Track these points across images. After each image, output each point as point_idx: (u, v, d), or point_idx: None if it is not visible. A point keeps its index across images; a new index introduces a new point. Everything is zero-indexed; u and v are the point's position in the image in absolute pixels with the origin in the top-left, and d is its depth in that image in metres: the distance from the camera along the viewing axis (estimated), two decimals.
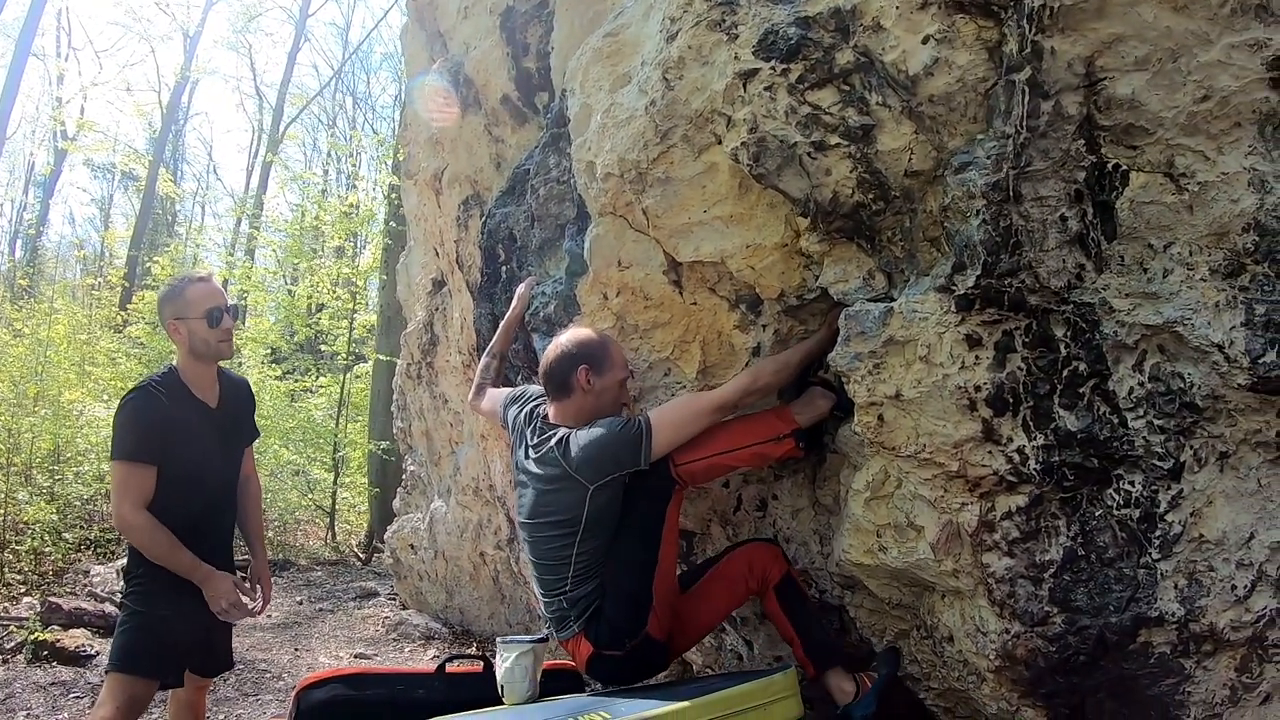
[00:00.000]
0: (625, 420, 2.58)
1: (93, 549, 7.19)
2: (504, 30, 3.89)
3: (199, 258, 21.26)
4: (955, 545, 2.35)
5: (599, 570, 2.57)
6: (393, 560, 6.59)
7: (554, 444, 2.60)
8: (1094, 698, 2.32)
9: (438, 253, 5.11)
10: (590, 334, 2.75)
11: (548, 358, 2.72)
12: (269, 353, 14.04)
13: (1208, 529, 2.19)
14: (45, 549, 6.62)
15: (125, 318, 12.13)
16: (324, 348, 13.69)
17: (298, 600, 7.31)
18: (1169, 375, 2.17)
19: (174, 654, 2.68)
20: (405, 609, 6.54)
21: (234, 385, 3.00)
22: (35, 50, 20.39)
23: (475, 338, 4.11)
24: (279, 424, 11.18)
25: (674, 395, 2.88)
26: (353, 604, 7.17)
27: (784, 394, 2.80)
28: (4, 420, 7.18)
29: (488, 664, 2.92)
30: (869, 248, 2.46)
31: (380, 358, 10.35)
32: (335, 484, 11.20)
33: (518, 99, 3.92)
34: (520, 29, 3.79)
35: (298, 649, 5.66)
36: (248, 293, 15.49)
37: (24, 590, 6.07)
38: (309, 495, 11.26)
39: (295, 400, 13.11)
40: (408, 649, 5.63)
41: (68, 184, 39.15)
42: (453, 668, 2.96)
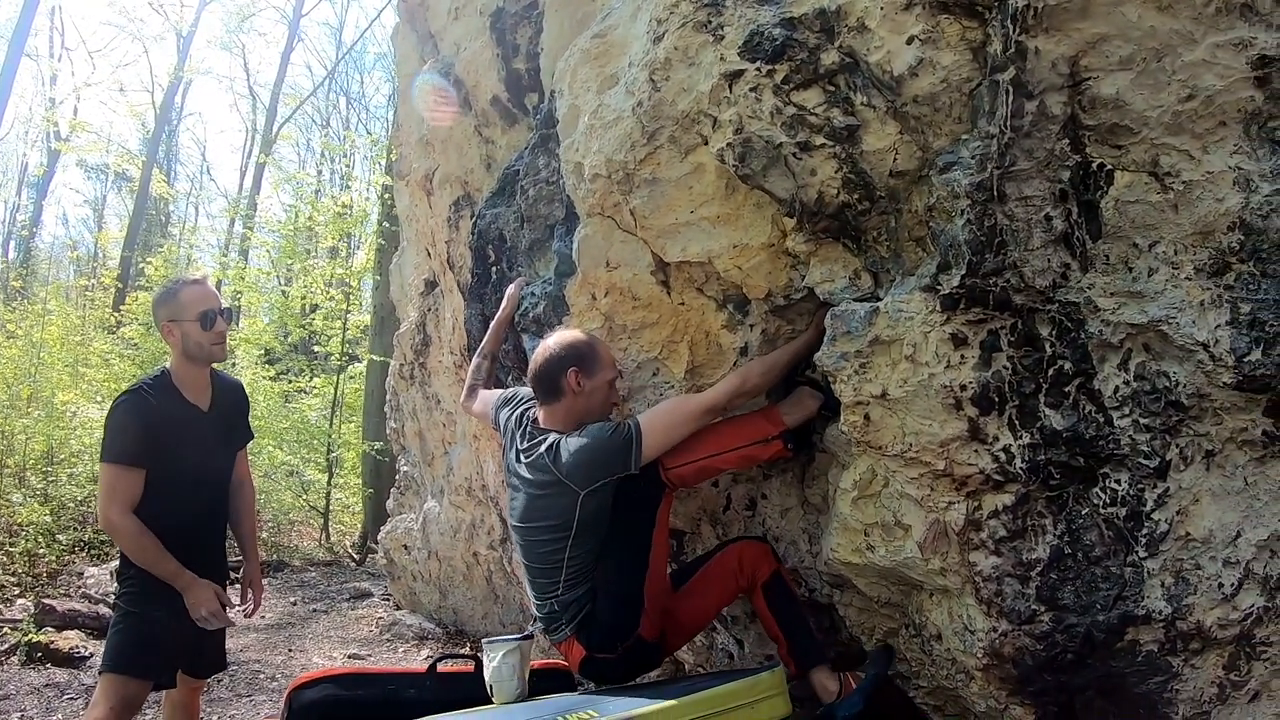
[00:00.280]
0: (615, 425, 2.58)
1: (87, 551, 7.17)
2: (494, 31, 3.88)
3: (193, 258, 21.24)
4: (942, 544, 2.35)
5: (590, 574, 2.57)
6: (386, 561, 6.58)
7: (544, 450, 2.60)
8: (1082, 696, 2.32)
9: (429, 253, 5.11)
10: (577, 335, 2.75)
11: (536, 361, 2.71)
12: (263, 354, 14.02)
13: (1194, 527, 2.19)
14: (39, 551, 6.61)
15: (119, 319, 12.09)
16: (318, 348, 13.64)
17: (292, 601, 7.30)
18: (1154, 374, 2.17)
19: (166, 654, 2.68)
20: (399, 609, 6.53)
21: (227, 387, 2.99)
22: (28, 50, 20.42)
23: (467, 338, 4.11)
24: (273, 425, 11.18)
25: (663, 395, 2.89)
26: (347, 605, 7.16)
27: (773, 393, 2.80)
28: None
29: (479, 664, 2.91)
30: (855, 248, 2.46)
31: (374, 358, 10.31)
32: (329, 485, 11.19)
33: (508, 100, 3.92)
34: (510, 30, 3.78)
35: (291, 650, 5.66)
36: (241, 293, 15.45)
37: (18, 592, 6.05)
38: (303, 496, 11.25)
39: (289, 401, 13.09)
40: (401, 649, 5.62)
41: (61, 185, 39.04)
42: (444, 667, 2.96)
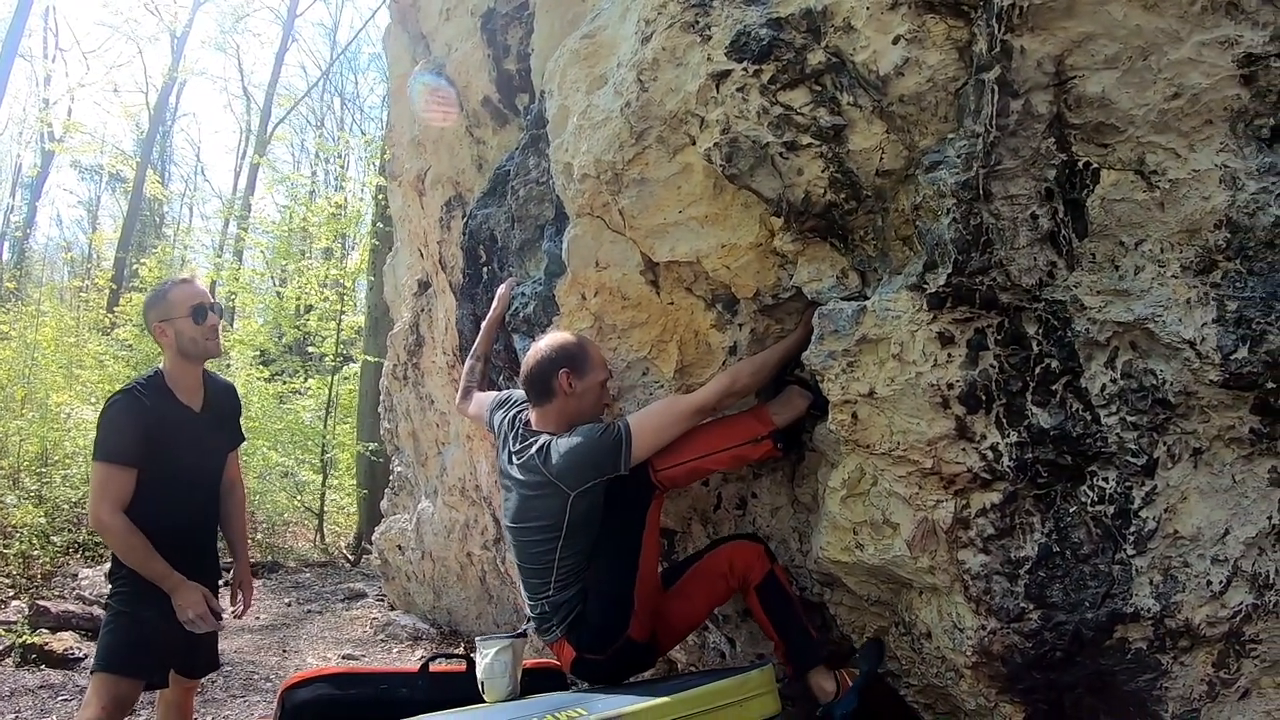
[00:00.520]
0: (605, 426, 2.58)
1: (81, 552, 7.15)
2: (485, 32, 3.87)
3: (187, 259, 21.16)
4: (931, 542, 2.36)
5: (582, 575, 2.58)
6: (380, 561, 6.59)
7: (535, 451, 2.60)
8: (1072, 693, 2.33)
9: (422, 254, 5.10)
10: (568, 336, 2.76)
11: (528, 364, 2.71)
12: (258, 355, 13.99)
13: (1182, 525, 2.20)
14: (33, 552, 6.58)
15: (113, 320, 12.07)
16: (312, 349, 13.63)
17: (286, 602, 7.30)
18: (1141, 372, 2.18)
19: (158, 654, 2.69)
20: (393, 610, 6.54)
21: (219, 389, 3.00)
22: (22, 51, 20.33)
23: (459, 338, 4.11)
24: (267, 426, 11.15)
25: (652, 394, 2.89)
26: (341, 605, 7.16)
27: (762, 392, 2.81)
28: None
29: (471, 663, 2.92)
30: (842, 247, 2.46)
31: (368, 359, 10.30)
32: (324, 486, 11.18)
33: (499, 100, 3.91)
34: (501, 31, 3.78)
35: (286, 650, 5.66)
36: (235, 294, 15.43)
37: (13, 594, 6.03)
38: (297, 497, 11.23)
39: (283, 402, 13.05)
40: (396, 650, 5.63)
41: (55, 186, 38.96)
42: (436, 667, 2.97)
